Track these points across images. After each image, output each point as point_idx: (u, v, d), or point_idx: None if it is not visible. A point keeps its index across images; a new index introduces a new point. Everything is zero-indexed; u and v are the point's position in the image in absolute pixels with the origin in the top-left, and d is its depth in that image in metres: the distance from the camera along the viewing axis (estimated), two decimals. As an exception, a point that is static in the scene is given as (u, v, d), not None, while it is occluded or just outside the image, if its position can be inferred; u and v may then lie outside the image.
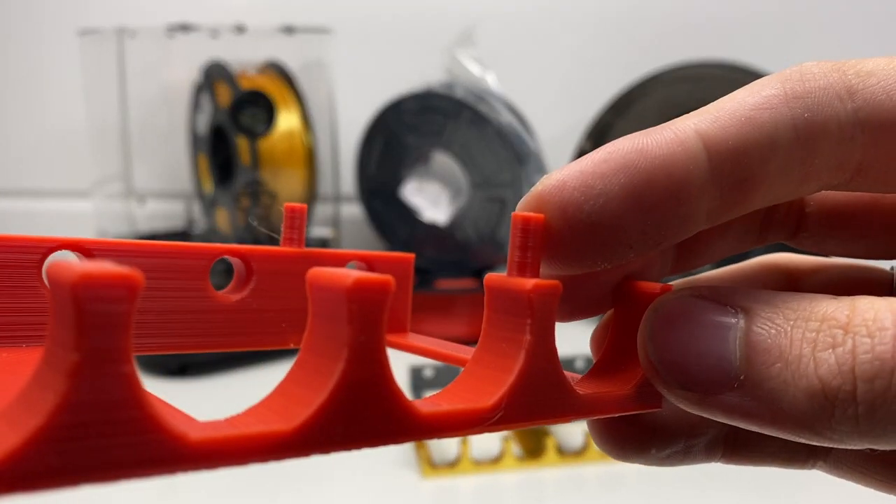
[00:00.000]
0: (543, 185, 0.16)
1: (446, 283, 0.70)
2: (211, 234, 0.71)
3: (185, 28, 0.66)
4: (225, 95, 0.66)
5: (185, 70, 0.71)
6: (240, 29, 0.67)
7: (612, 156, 0.15)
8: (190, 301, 0.21)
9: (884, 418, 0.14)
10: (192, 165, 0.74)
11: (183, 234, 0.75)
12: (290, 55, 0.70)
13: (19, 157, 0.88)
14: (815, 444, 0.15)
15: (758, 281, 0.21)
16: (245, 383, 0.61)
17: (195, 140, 0.73)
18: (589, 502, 0.43)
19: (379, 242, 0.75)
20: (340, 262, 0.22)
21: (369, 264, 0.23)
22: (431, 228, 0.72)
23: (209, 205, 0.72)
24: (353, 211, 0.78)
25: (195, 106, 0.72)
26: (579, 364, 0.52)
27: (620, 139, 0.16)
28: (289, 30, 0.69)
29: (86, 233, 0.78)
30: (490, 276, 0.16)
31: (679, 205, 0.15)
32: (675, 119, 0.16)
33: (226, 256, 0.21)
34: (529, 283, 0.15)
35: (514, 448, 0.45)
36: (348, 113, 0.76)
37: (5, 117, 0.88)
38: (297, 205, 0.22)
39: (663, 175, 0.15)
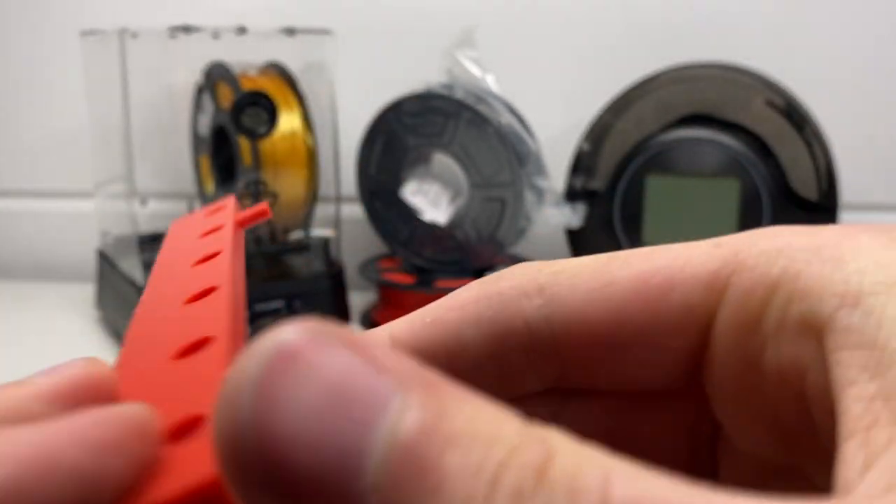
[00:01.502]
0: None
1: (446, 283, 0.70)
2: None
3: (186, 29, 0.66)
4: (226, 96, 0.66)
5: (186, 71, 0.71)
6: (241, 30, 0.68)
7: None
8: None
9: None
10: (193, 166, 0.75)
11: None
12: (292, 56, 0.70)
13: (21, 157, 0.89)
14: None
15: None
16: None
17: (197, 140, 0.73)
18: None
19: (379, 242, 0.76)
20: None
21: None
22: (431, 228, 0.72)
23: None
24: (353, 211, 0.78)
25: (197, 107, 0.72)
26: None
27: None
28: (290, 31, 0.69)
29: (88, 233, 0.78)
30: None
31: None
32: (379, 327, 0.17)
33: None
34: None
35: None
36: (349, 114, 0.76)
37: (7, 118, 0.88)
38: None
39: None
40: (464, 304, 0.16)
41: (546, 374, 0.17)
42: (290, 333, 0.11)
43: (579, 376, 0.17)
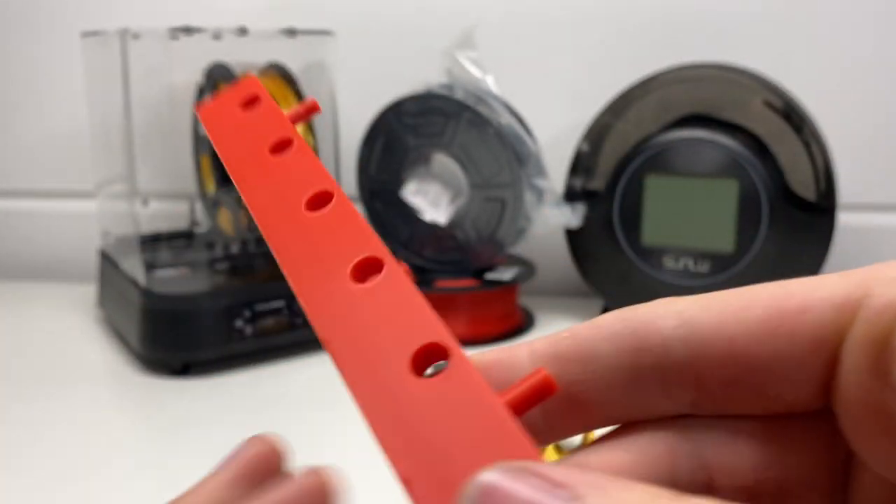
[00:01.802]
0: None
1: (446, 283, 0.71)
2: (214, 234, 0.72)
3: (187, 30, 0.66)
4: (227, 97, 0.66)
5: (188, 72, 0.71)
6: (242, 31, 0.68)
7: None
8: None
9: None
10: (194, 166, 0.75)
11: (187, 234, 0.75)
12: (292, 57, 0.70)
13: (24, 158, 0.89)
14: None
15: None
16: (247, 382, 0.62)
17: (198, 141, 0.73)
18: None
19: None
20: None
21: None
22: (431, 228, 0.72)
23: (212, 205, 0.73)
24: (354, 211, 0.78)
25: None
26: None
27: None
28: (291, 32, 0.69)
29: (90, 233, 0.79)
30: None
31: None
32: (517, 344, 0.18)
33: None
34: None
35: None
36: (349, 114, 0.76)
37: (9, 119, 0.88)
38: None
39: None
40: (601, 323, 0.17)
41: (680, 398, 0.17)
42: (490, 475, 0.14)
43: (713, 401, 0.17)
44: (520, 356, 0.17)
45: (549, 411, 0.17)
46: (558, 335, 0.18)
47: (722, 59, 0.73)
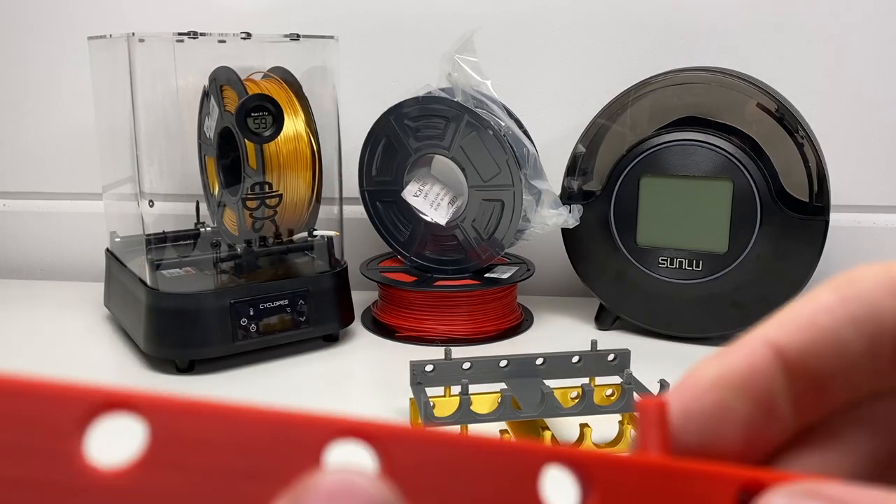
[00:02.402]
0: (644, 407, 0.17)
1: (446, 283, 0.72)
2: (219, 235, 0.73)
3: (193, 35, 0.67)
4: (232, 100, 0.67)
5: (193, 75, 0.72)
6: (247, 36, 0.69)
7: (701, 381, 0.17)
8: None
9: None
10: (200, 168, 0.75)
11: (193, 235, 0.76)
12: (296, 61, 0.71)
13: (31, 160, 0.90)
14: None
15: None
16: (252, 380, 0.63)
17: (203, 143, 0.74)
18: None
19: (381, 242, 0.76)
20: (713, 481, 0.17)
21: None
22: (431, 229, 0.73)
23: (217, 207, 0.73)
24: (355, 212, 0.79)
25: (203, 110, 0.73)
26: (575, 359, 0.54)
27: (704, 362, 0.17)
28: (294, 37, 0.70)
29: (97, 232, 0.80)
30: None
31: (764, 416, 0.17)
32: (747, 335, 0.18)
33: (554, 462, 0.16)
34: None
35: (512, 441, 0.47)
36: (351, 117, 0.77)
37: (18, 121, 0.89)
38: (656, 401, 0.17)
39: (750, 394, 0.17)
40: (832, 307, 0.17)
41: None
42: (778, 498, 0.15)
43: None
44: (763, 355, 0.17)
45: (799, 398, 0.17)
46: (791, 323, 0.17)
47: (716, 63, 0.74)
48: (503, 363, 0.53)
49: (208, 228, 0.76)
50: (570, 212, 0.70)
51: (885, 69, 0.79)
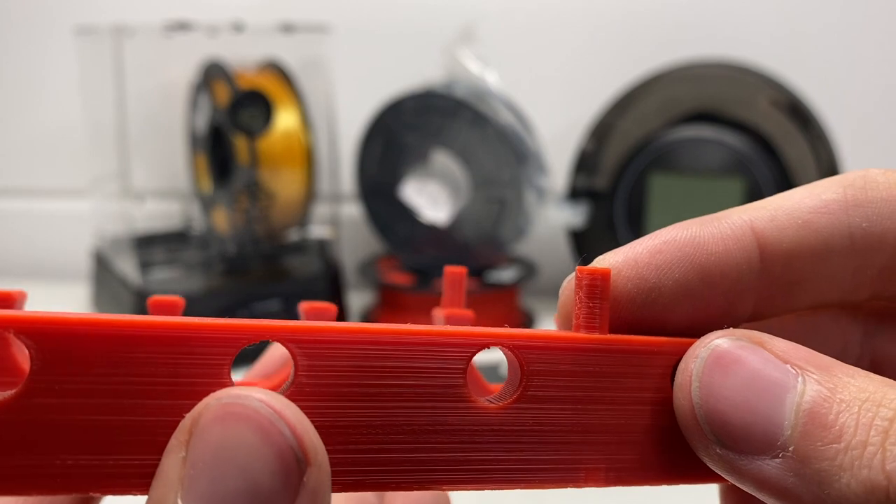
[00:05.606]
0: (587, 276, 0.16)
1: (446, 284, 0.70)
2: (209, 234, 0.71)
3: (182, 26, 0.66)
4: (223, 94, 0.66)
5: (182, 69, 0.71)
6: (238, 27, 0.67)
7: (667, 246, 0.16)
8: (446, 412, 0.15)
9: None
10: (189, 165, 0.74)
11: (181, 234, 0.75)
12: (289, 54, 0.70)
13: (16, 155, 0.88)
14: None
15: (828, 331, 0.19)
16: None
17: (193, 139, 0.73)
18: (590, 499, 0.42)
19: (378, 242, 0.75)
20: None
21: None
22: (431, 228, 0.72)
23: (207, 204, 0.72)
24: (352, 210, 0.78)
25: (193, 105, 0.72)
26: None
27: (674, 227, 0.16)
28: (288, 28, 0.69)
29: (83, 232, 0.78)
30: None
31: (728, 303, 0.16)
32: (730, 210, 0.17)
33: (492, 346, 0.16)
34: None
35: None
36: (347, 112, 0.76)
37: (1, 116, 0.88)
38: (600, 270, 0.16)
39: (718, 273, 0.16)
40: (834, 209, 0.16)
41: (863, 281, 0.17)
42: (722, 341, 0.15)
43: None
44: (744, 247, 0.16)
45: (763, 292, 0.16)
46: (788, 215, 0.17)
47: (727, 56, 0.73)
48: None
49: (198, 227, 0.75)
50: (575, 210, 0.69)
51: (900, 63, 0.77)
